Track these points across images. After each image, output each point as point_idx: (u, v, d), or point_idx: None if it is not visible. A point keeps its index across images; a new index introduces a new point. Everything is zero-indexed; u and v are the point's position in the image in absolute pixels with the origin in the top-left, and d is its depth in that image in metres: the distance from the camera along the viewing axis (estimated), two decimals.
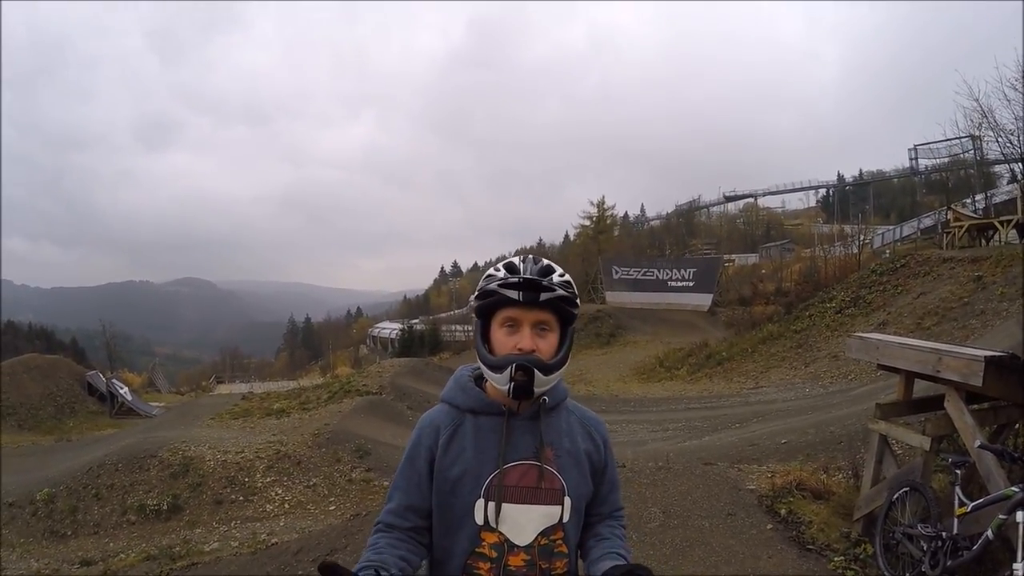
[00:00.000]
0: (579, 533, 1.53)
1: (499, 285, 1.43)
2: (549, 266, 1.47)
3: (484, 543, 1.43)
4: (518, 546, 1.43)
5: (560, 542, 1.47)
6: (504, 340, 1.44)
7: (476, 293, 1.49)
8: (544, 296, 1.42)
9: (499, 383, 1.43)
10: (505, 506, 1.43)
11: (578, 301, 1.49)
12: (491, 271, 1.48)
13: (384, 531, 1.48)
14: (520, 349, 1.42)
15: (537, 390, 1.43)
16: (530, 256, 1.49)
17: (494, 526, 1.43)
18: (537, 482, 1.45)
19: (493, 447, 1.45)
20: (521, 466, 1.45)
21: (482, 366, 1.48)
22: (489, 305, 1.47)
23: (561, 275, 1.46)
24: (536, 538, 1.44)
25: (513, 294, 1.42)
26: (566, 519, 1.47)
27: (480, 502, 1.43)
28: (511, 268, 1.45)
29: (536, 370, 1.40)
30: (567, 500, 1.46)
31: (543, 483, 1.45)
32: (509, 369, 1.40)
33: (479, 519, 1.43)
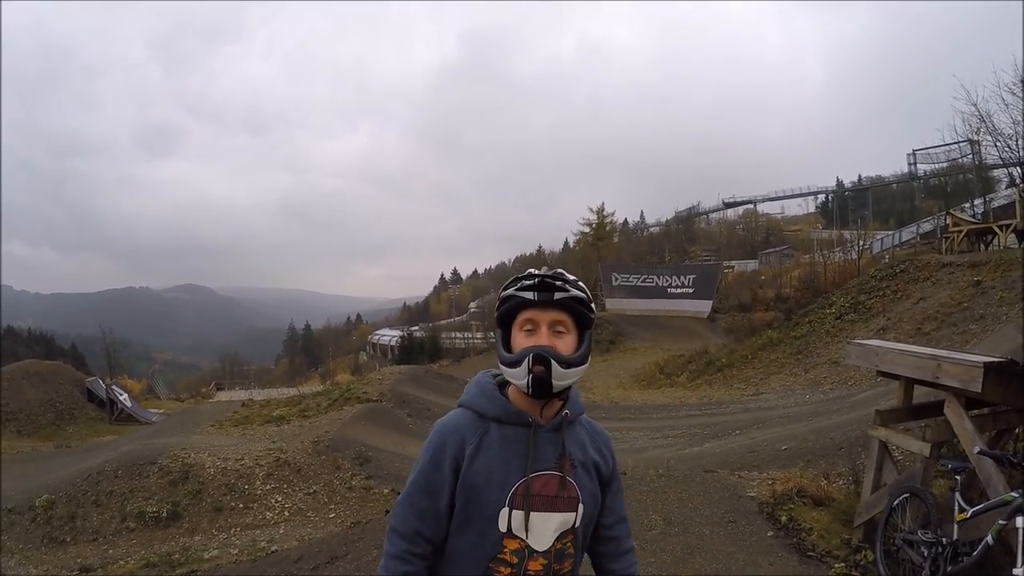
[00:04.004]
0: (587, 536, 1.59)
1: (516, 288, 1.51)
2: (563, 273, 1.53)
3: (506, 549, 1.48)
4: (537, 551, 1.48)
5: (570, 544, 1.53)
6: (523, 342, 1.48)
7: (497, 303, 1.55)
8: (558, 295, 1.48)
9: (517, 378, 1.46)
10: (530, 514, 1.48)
11: (594, 306, 1.54)
12: (509, 281, 1.55)
13: (399, 559, 1.49)
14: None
15: (556, 383, 1.44)
16: (545, 267, 1.56)
17: (518, 534, 1.47)
18: (558, 491, 1.50)
19: (519, 457, 1.49)
20: (544, 476, 1.50)
21: (502, 367, 1.51)
22: (509, 311, 1.52)
23: (576, 280, 1.53)
24: (553, 543, 1.50)
25: (529, 294, 1.48)
26: (578, 524, 1.53)
27: (505, 510, 1.46)
28: (527, 275, 1.53)
29: (555, 362, 1.43)
30: (581, 507, 1.52)
31: (563, 492, 1.50)
32: (527, 360, 1.43)
33: (503, 527, 1.46)
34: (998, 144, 23.51)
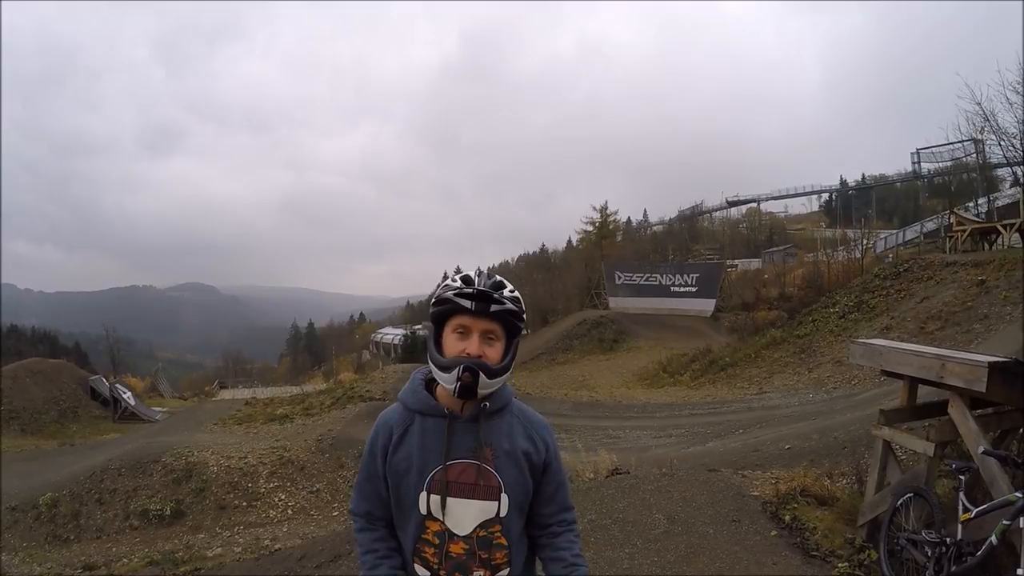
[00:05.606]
0: (521, 527, 1.66)
1: (454, 294, 1.58)
2: (501, 282, 1.62)
3: (428, 530, 1.59)
4: (458, 535, 1.58)
5: (499, 534, 1.60)
6: (454, 345, 1.58)
7: (433, 300, 1.62)
8: (494, 308, 1.57)
9: (447, 382, 1.57)
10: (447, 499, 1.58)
11: (524, 316, 1.64)
12: (448, 281, 1.62)
13: (364, 531, 1.68)
14: (468, 354, 1.56)
15: (481, 391, 1.56)
16: (484, 272, 1.63)
17: (437, 516, 1.58)
18: (475, 479, 1.58)
19: (436, 446, 1.59)
20: (460, 464, 1.59)
21: (432, 367, 1.62)
22: (444, 312, 1.61)
23: (512, 291, 1.62)
24: (475, 529, 1.59)
25: (467, 303, 1.56)
26: (503, 514, 1.60)
27: (423, 494, 1.58)
28: (467, 280, 1.60)
29: (482, 373, 1.54)
30: (504, 497, 1.60)
31: (481, 480, 1.59)
32: (457, 370, 1.54)
33: (423, 509, 1.58)
34: (1002, 143, 23.46)
